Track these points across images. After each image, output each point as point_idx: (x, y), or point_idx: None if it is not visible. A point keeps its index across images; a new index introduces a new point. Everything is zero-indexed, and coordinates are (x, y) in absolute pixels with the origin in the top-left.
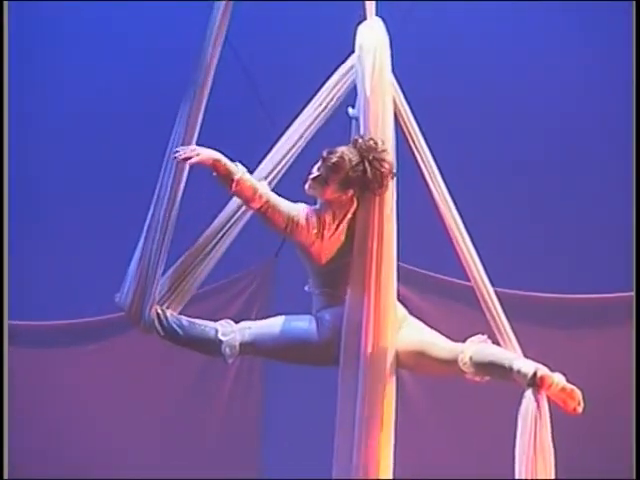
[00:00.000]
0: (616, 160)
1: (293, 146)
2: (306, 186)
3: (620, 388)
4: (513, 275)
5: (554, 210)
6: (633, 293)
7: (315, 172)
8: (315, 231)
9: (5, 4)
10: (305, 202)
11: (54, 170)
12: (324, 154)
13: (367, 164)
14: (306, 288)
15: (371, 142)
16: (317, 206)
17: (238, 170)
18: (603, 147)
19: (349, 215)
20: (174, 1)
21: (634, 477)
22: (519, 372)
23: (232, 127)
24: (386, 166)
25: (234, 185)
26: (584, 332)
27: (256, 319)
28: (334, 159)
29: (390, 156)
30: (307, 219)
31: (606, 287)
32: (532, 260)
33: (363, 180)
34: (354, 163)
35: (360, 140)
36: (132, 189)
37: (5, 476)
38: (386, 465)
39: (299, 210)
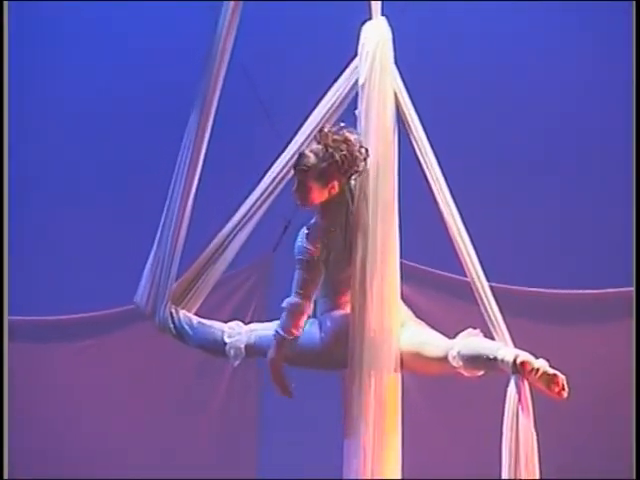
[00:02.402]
0: (616, 159)
1: (300, 147)
2: (298, 202)
3: (620, 386)
4: (513, 272)
5: (554, 208)
6: (633, 289)
7: (295, 185)
8: (320, 252)
9: (5, 4)
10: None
11: (54, 170)
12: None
13: (330, 149)
14: None
15: (325, 129)
16: (313, 222)
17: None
18: (603, 147)
19: (347, 216)
20: (174, 1)
21: (634, 477)
22: (502, 361)
23: (232, 127)
24: (351, 144)
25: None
26: (584, 328)
27: (254, 314)
28: (299, 161)
29: (352, 134)
30: (316, 255)
31: (606, 284)
32: (532, 258)
33: (337, 166)
34: (319, 155)
35: (316, 133)
36: (132, 189)
37: (5, 476)
38: (395, 467)
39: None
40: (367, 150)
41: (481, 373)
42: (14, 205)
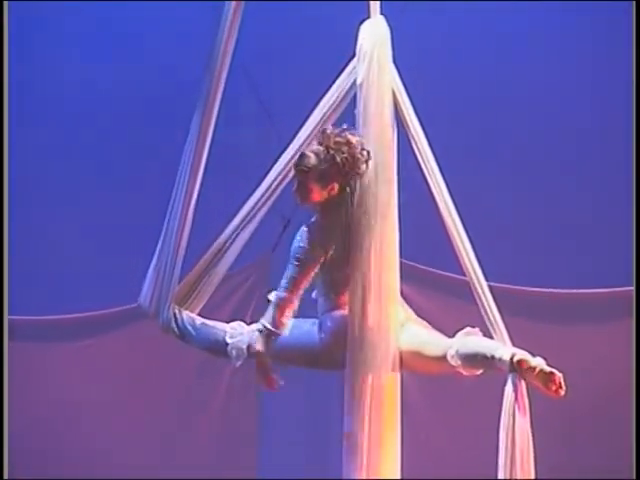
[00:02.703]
0: (616, 159)
1: (301, 147)
2: (298, 202)
3: (620, 386)
4: (513, 272)
5: (554, 208)
6: (633, 289)
7: (295, 185)
8: (319, 252)
9: (5, 4)
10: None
11: (54, 170)
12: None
13: (332, 151)
14: (313, 295)
15: (327, 130)
16: (312, 221)
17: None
18: (603, 147)
19: (346, 216)
20: (174, 1)
21: (634, 477)
22: (500, 359)
23: (233, 127)
24: (352, 146)
25: None
26: (584, 328)
27: (253, 314)
28: (300, 161)
29: (354, 136)
30: (313, 254)
31: (606, 284)
32: (532, 258)
33: (338, 168)
34: (320, 156)
35: (318, 133)
36: (132, 189)
37: (5, 476)
38: (394, 466)
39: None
40: (369, 152)
41: (480, 372)
42: (14, 205)
